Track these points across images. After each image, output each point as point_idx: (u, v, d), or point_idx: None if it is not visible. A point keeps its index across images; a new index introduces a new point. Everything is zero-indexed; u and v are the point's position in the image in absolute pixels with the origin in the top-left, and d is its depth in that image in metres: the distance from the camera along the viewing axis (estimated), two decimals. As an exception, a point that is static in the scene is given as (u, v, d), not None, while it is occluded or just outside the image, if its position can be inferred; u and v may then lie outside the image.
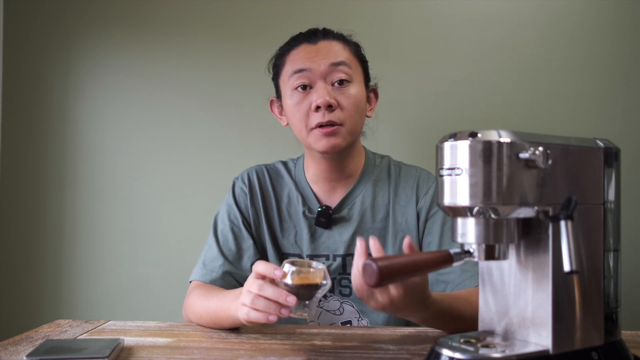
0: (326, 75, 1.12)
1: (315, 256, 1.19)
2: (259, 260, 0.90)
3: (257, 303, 0.85)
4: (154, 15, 1.82)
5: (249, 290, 0.87)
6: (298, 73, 1.13)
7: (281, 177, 1.26)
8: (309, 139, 1.14)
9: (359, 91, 1.15)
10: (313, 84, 1.13)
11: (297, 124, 1.16)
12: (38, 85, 1.85)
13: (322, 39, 1.16)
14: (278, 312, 0.83)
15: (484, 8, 1.73)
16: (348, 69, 1.13)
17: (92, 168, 1.84)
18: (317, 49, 1.14)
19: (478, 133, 0.68)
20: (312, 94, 1.12)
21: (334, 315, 1.18)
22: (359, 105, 1.14)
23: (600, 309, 0.74)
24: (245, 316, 0.87)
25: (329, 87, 1.12)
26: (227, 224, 1.21)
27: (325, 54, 1.13)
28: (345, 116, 1.12)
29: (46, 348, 0.84)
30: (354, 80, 1.14)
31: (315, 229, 1.20)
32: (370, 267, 0.69)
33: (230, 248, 1.19)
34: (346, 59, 1.14)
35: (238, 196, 1.24)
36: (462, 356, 0.69)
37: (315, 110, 1.11)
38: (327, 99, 1.10)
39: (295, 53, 1.16)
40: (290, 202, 1.23)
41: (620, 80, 1.68)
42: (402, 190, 1.22)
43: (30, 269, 1.84)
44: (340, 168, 1.20)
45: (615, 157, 0.77)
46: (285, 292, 0.83)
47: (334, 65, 1.12)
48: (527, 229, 0.74)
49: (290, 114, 1.16)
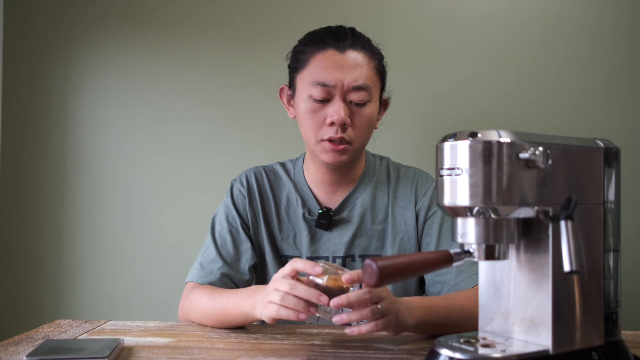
0: (346, 93, 1.10)
1: (315, 258, 1.19)
2: (297, 258, 0.92)
3: (287, 300, 0.87)
4: (154, 16, 1.82)
5: (276, 289, 0.88)
6: (319, 86, 1.10)
7: (279, 179, 1.26)
8: (316, 148, 1.14)
9: (373, 110, 1.14)
10: (331, 97, 1.11)
11: (307, 130, 1.14)
12: (38, 85, 1.85)
13: (350, 48, 1.12)
14: (308, 310, 0.86)
15: (484, 8, 1.73)
16: (368, 92, 1.11)
17: (92, 168, 1.84)
18: (342, 62, 1.10)
19: (478, 133, 0.68)
20: (328, 107, 1.11)
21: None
22: (371, 124, 1.15)
23: (600, 309, 0.74)
24: (275, 313, 0.88)
25: (345, 106, 1.10)
26: (225, 226, 1.21)
27: (350, 70, 1.10)
28: (356, 135, 1.12)
29: (46, 348, 0.84)
30: (372, 98, 1.13)
31: (316, 230, 1.20)
32: (370, 267, 0.68)
33: (228, 250, 1.19)
34: (368, 80, 1.11)
35: (236, 198, 1.24)
36: (462, 356, 0.69)
37: (329, 124, 1.11)
38: (343, 118, 1.09)
39: (321, 58, 1.12)
40: (290, 204, 1.23)
41: (620, 80, 1.68)
42: (401, 191, 1.22)
43: (30, 269, 1.84)
44: (342, 174, 1.21)
45: (615, 157, 0.77)
46: (318, 292, 0.85)
47: (355, 89, 1.10)
48: (527, 229, 0.74)
49: (302, 118, 1.15)
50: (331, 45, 1.12)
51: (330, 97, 1.11)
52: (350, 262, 1.19)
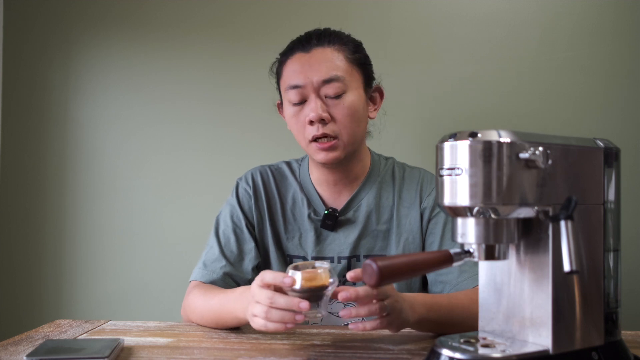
0: (319, 89, 1.11)
1: (320, 258, 1.19)
2: (266, 270, 0.89)
3: (271, 315, 0.85)
4: (154, 16, 1.82)
5: (258, 302, 0.87)
6: (292, 89, 1.12)
7: (285, 179, 1.26)
8: (308, 150, 1.15)
9: (355, 99, 1.13)
10: (307, 97, 1.12)
11: (296, 135, 1.17)
12: (38, 85, 1.85)
13: (316, 46, 1.13)
14: (293, 320, 0.83)
15: (484, 8, 1.73)
16: (340, 82, 1.11)
17: (92, 168, 1.84)
18: (309, 60, 1.12)
19: (478, 133, 0.68)
20: (305, 107, 1.12)
21: (337, 317, 1.18)
22: (355, 114, 1.13)
23: (600, 309, 0.74)
24: (263, 327, 0.86)
25: (321, 102, 1.11)
26: (230, 225, 1.21)
27: (318, 67, 1.11)
28: (340, 128, 1.11)
29: (46, 348, 0.84)
30: (350, 88, 1.12)
31: (321, 231, 1.20)
32: (370, 267, 0.69)
33: (231, 250, 1.19)
34: (339, 71, 1.11)
35: (242, 197, 1.23)
36: (462, 356, 0.69)
37: (309, 123, 1.11)
38: (319, 114, 1.09)
39: (290, 64, 1.15)
40: (295, 204, 1.23)
41: (620, 80, 1.68)
42: (406, 192, 1.22)
43: (30, 269, 1.84)
44: (344, 173, 1.20)
45: (615, 157, 0.77)
46: (297, 299, 0.83)
47: (325, 82, 1.10)
48: (527, 229, 0.74)
49: (290, 124, 1.18)
50: (297, 50, 1.15)
51: (305, 97, 1.12)
52: (355, 262, 1.19)
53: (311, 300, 0.84)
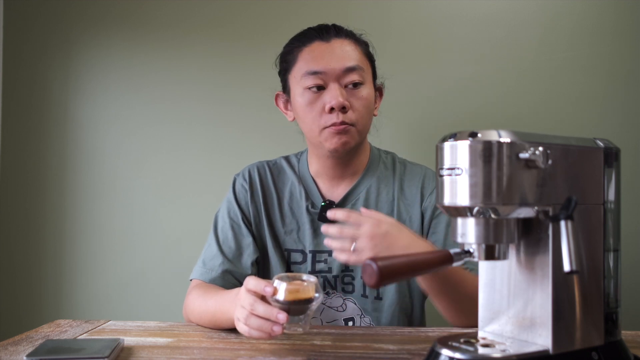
0: (340, 77, 1.12)
1: (318, 252, 1.19)
2: (250, 276, 0.89)
3: (250, 322, 0.84)
4: (154, 16, 1.82)
5: (242, 306, 0.86)
6: (313, 75, 1.12)
7: (283, 173, 1.26)
8: (320, 137, 1.15)
9: (370, 92, 1.16)
10: (326, 85, 1.13)
11: (308, 123, 1.15)
12: (38, 85, 1.85)
13: (335, 37, 1.16)
14: (270, 331, 0.82)
15: (484, 8, 1.73)
16: (360, 72, 1.14)
17: (92, 168, 1.84)
18: (331, 49, 1.14)
19: (478, 133, 0.68)
20: (325, 94, 1.13)
21: (337, 311, 1.18)
22: (369, 106, 1.16)
23: (600, 309, 0.74)
24: (247, 333, 0.86)
25: (342, 89, 1.12)
26: (227, 222, 1.21)
27: (340, 55, 1.13)
28: (357, 117, 1.13)
29: (46, 348, 0.84)
30: (366, 81, 1.16)
31: (318, 224, 1.20)
32: (370, 267, 0.68)
33: (230, 246, 1.19)
34: (359, 62, 1.14)
35: (238, 193, 1.24)
36: (462, 356, 0.69)
37: (329, 111, 1.12)
38: (342, 101, 1.10)
39: (308, 51, 1.15)
40: (293, 197, 1.23)
41: (620, 80, 1.68)
42: (408, 188, 1.21)
43: (30, 269, 1.84)
44: (345, 165, 1.21)
45: (615, 157, 0.77)
46: (276, 310, 0.82)
47: (348, 70, 1.12)
48: (527, 229, 0.74)
49: (302, 112, 1.16)
50: (316, 38, 1.16)
51: (324, 84, 1.13)
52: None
53: (293, 314, 0.83)
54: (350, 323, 1.17)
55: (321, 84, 1.13)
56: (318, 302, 0.84)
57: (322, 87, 1.13)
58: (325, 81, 1.12)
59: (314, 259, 1.19)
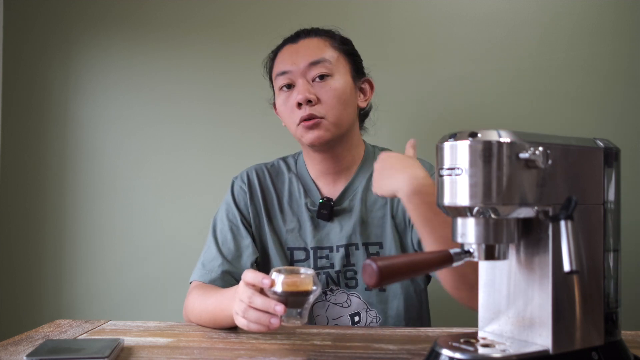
0: (306, 73, 1.16)
1: (319, 248, 1.20)
2: (248, 269, 0.89)
3: (249, 314, 0.85)
4: (154, 16, 1.82)
5: (241, 300, 0.87)
6: (282, 75, 1.18)
7: (282, 173, 1.28)
8: (297, 134, 1.18)
9: (342, 83, 1.17)
10: (295, 82, 1.17)
11: (287, 121, 1.20)
12: (38, 85, 1.85)
13: (304, 38, 1.21)
14: (269, 323, 0.82)
15: (484, 8, 1.73)
16: (328, 64, 1.16)
17: (92, 168, 1.84)
18: (297, 49, 1.19)
19: (478, 133, 0.68)
20: (293, 92, 1.17)
21: (342, 307, 1.18)
22: (342, 97, 1.16)
23: (600, 309, 0.74)
24: (245, 327, 0.87)
25: (309, 85, 1.16)
26: (226, 223, 1.22)
27: (305, 52, 1.17)
28: (326, 109, 1.15)
29: (46, 348, 0.84)
30: (336, 73, 1.17)
31: (318, 221, 1.21)
32: (370, 267, 0.68)
33: (229, 247, 1.19)
34: (326, 55, 1.17)
35: (237, 195, 1.25)
36: (462, 356, 0.69)
37: (297, 107, 1.15)
38: (306, 95, 1.14)
39: (280, 55, 1.22)
40: (292, 195, 1.25)
41: (620, 80, 1.68)
42: None
43: (30, 269, 1.84)
44: (334, 160, 1.22)
45: (615, 157, 0.77)
46: (274, 302, 0.82)
47: (313, 64, 1.16)
48: (527, 229, 0.73)
49: (281, 113, 1.22)
50: (287, 43, 1.23)
51: (293, 82, 1.17)
52: (353, 250, 1.20)
53: (291, 306, 0.83)
54: (357, 318, 1.18)
55: (290, 83, 1.18)
56: (316, 294, 0.84)
57: (292, 86, 1.18)
58: (292, 79, 1.17)
59: (316, 255, 1.20)
